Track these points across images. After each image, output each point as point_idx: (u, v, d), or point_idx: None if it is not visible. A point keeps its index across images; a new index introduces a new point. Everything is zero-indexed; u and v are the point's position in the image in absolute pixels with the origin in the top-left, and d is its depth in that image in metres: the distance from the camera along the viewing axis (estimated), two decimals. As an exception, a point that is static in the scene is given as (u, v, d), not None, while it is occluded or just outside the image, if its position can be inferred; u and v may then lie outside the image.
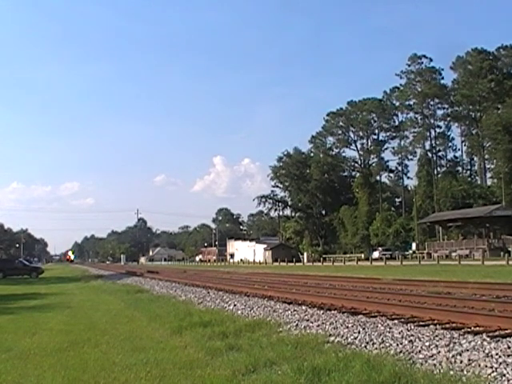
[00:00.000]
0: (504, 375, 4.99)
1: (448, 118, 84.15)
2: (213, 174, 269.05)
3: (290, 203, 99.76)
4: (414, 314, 8.49)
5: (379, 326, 7.82)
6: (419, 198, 75.24)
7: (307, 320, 9.02)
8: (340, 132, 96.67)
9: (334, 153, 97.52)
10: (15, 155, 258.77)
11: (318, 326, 8.41)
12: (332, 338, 7.35)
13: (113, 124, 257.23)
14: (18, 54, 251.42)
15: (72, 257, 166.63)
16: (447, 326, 7.42)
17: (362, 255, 69.29)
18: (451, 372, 5.22)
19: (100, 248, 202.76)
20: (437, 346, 6.27)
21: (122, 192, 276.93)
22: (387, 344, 6.69)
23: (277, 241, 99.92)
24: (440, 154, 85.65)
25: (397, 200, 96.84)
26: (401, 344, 6.60)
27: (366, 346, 6.74)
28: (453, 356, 5.78)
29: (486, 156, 77.67)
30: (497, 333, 6.65)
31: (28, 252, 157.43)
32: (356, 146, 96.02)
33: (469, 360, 5.57)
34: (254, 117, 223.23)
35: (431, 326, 7.45)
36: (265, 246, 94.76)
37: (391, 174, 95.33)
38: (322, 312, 9.68)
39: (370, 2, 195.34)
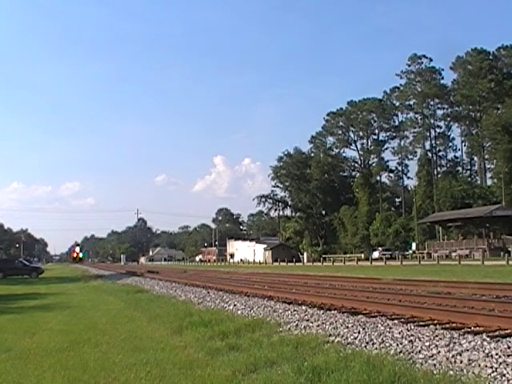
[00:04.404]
0: (504, 375, 4.99)
1: (448, 118, 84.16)
2: (214, 173, 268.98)
3: (290, 203, 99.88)
4: (414, 314, 8.48)
5: (379, 326, 7.82)
6: (419, 198, 75.23)
7: (307, 320, 9.02)
8: (340, 132, 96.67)
9: (334, 153, 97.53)
10: (15, 155, 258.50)
11: (318, 326, 8.41)
12: (332, 338, 7.35)
13: (113, 124, 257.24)
14: (17, 54, 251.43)
15: (81, 254, 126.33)
16: (447, 326, 7.42)
17: (362, 255, 69.24)
18: (451, 372, 5.23)
19: (100, 248, 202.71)
20: (437, 346, 6.27)
21: (122, 192, 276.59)
22: (387, 344, 6.70)
23: (277, 241, 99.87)
24: (440, 154, 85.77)
25: (397, 200, 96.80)
26: (401, 344, 6.60)
27: (365, 346, 6.74)
28: (453, 356, 5.78)
29: (486, 156, 77.65)
30: (497, 333, 6.65)
31: (28, 252, 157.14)
32: (356, 146, 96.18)
33: (469, 360, 5.57)
34: (254, 117, 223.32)
35: (431, 326, 7.45)
36: (265, 246, 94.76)
37: (391, 174, 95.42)
38: (322, 312, 9.68)
39: (370, 2, 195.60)
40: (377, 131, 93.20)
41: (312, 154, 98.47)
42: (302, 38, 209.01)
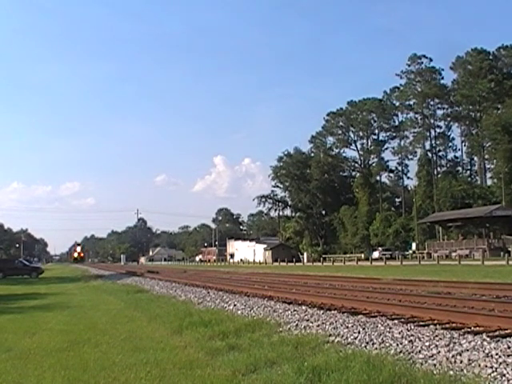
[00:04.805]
0: (504, 375, 4.99)
1: (448, 118, 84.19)
2: (214, 173, 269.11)
3: (290, 203, 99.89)
4: (414, 314, 8.49)
5: (379, 326, 7.82)
6: (419, 198, 75.24)
7: (307, 320, 9.02)
8: (340, 132, 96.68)
9: (334, 153, 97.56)
10: (16, 155, 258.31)
11: (318, 326, 8.41)
12: (332, 338, 7.35)
13: (113, 124, 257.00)
14: (18, 54, 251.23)
15: (82, 254, 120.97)
16: (447, 326, 7.43)
17: (362, 255, 69.27)
18: (451, 372, 5.23)
19: (100, 248, 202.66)
20: (437, 346, 6.27)
21: (122, 192, 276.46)
22: (387, 344, 6.70)
23: (277, 241, 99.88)
24: (440, 154, 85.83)
25: (397, 200, 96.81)
26: (401, 344, 6.60)
27: (366, 346, 6.74)
28: (453, 356, 5.78)
29: (486, 156, 77.65)
30: (497, 333, 6.65)
31: (28, 252, 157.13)
32: (356, 146, 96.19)
33: (469, 360, 5.57)
34: (254, 117, 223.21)
35: (431, 326, 7.45)
36: (265, 245, 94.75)
37: (391, 174, 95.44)
38: (322, 312, 9.68)
39: (370, 2, 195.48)
40: (377, 131, 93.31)
41: (312, 154, 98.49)
42: (301, 37, 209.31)
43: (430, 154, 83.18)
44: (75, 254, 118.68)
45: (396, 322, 8.06)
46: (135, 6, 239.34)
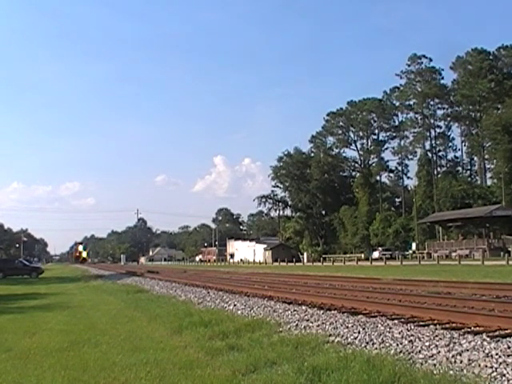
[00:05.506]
0: (504, 375, 4.99)
1: (448, 118, 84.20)
2: (214, 173, 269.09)
3: (290, 203, 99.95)
4: (414, 314, 8.49)
5: (379, 325, 7.83)
6: (419, 198, 75.26)
7: (307, 320, 9.03)
8: (340, 132, 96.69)
9: (334, 153, 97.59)
10: (16, 155, 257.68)
11: (318, 326, 8.41)
12: (332, 338, 7.36)
13: (113, 124, 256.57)
14: (18, 54, 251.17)
15: (84, 253, 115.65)
16: (447, 326, 7.43)
17: (362, 255, 69.28)
18: (451, 372, 5.23)
19: (100, 248, 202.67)
20: (437, 346, 6.27)
21: (122, 192, 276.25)
22: (387, 344, 6.70)
23: (277, 241, 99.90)
24: (440, 154, 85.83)
25: (397, 200, 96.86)
26: (401, 344, 6.60)
27: (365, 346, 6.75)
28: (453, 356, 5.79)
29: (486, 156, 77.66)
30: (497, 333, 6.65)
31: (28, 252, 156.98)
32: (356, 146, 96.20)
33: (469, 360, 5.58)
34: (254, 117, 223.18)
35: (431, 326, 7.46)
36: (265, 245, 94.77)
37: (391, 174, 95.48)
38: (322, 312, 9.69)
39: (370, 2, 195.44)
40: (377, 131, 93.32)
41: (312, 154, 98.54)
42: (301, 37, 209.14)
43: (430, 154, 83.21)
44: (77, 254, 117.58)
45: (396, 321, 8.06)
46: (135, 6, 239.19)
